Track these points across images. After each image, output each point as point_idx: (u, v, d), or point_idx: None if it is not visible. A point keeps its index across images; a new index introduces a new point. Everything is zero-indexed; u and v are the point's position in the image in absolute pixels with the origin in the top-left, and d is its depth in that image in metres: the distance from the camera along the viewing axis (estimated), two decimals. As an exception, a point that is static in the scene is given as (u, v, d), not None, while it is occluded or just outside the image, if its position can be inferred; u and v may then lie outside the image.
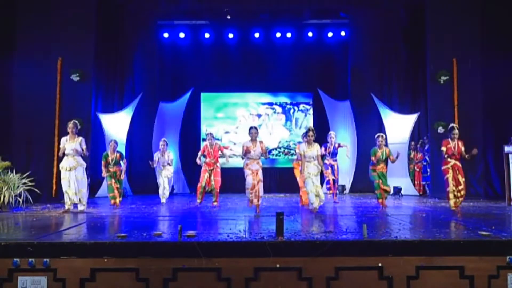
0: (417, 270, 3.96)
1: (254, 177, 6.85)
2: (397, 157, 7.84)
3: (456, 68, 9.98)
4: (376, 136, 7.95)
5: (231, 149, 13.00)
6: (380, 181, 7.69)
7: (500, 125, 9.62)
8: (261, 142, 6.99)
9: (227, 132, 13.08)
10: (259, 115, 13.30)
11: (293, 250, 4.03)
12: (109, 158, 8.18)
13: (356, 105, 12.31)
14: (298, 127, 13.21)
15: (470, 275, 3.95)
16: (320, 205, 7.04)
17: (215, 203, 8.30)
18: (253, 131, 6.95)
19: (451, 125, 7.38)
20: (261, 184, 6.96)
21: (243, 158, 7.03)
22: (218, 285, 3.92)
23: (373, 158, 7.76)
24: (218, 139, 12.15)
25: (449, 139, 7.18)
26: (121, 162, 8.31)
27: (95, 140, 10.43)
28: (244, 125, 13.08)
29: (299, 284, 3.94)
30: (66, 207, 7.18)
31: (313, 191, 6.89)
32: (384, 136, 8.04)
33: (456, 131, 7.13)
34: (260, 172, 6.96)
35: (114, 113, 11.46)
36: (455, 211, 6.97)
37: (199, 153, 8.54)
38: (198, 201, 8.29)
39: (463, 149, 7.15)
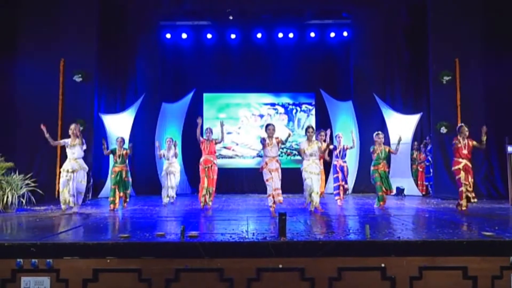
0: (420, 271, 3.95)
1: (274, 179, 6.75)
2: (398, 142, 8.06)
3: (459, 68, 9.96)
4: (375, 134, 8.07)
5: (233, 150, 13.00)
6: (382, 183, 7.77)
7: (503, 125, 9.59)
8: (276, 138, 6.90)
9: (229, 133, 12.97)
10: (261, 116, 13.29)
11: (296, 251, 4.02)
12: (116, 156, 8.14)
13: (358, 105, 12.29)
14: (301, 127, 13.17)
15: (473, 276, 3.94)
16: (311, 209, 7.10)
17: (209, 203, 8.06)
18: (270, 128, 6.85)
19: (460, 124, 7.32)
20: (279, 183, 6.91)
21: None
22: (220, 285, 3.92)
23: (372, 150, 7.95)
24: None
25: (460, 138, 7.11)
26: (128, 155, 8.21)
27: (98, 141, 10.43)
28: (247, 125, 13.10)
29: (301, 285, 3.94)
30: (63, 207, 7.18)
31: (307, 190, 7.02)
32: (383, 134, 8.13)
33: (466, 128, 7.09)
34: (280, 171, 6.88)
35: (116, 113, 11.48)
36: (463, 212, 6.93)
37: (200, 138, 8.21)
38: (202, 205, 8.02)
39: (474, 143, 7.10)
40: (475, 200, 7.20)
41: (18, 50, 9.83)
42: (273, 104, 13.44)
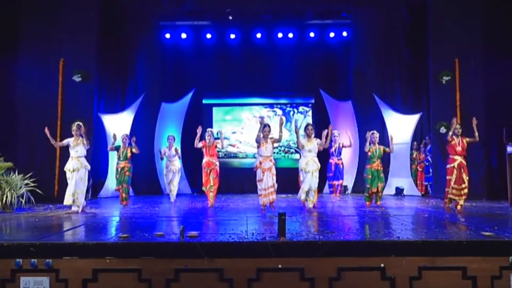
0: (419, 271, 3.95)
1: (267, 178, 6.84)
2: (391, 141, 8.16)
3: (458, 68, 9.95)
4: (370, 133, 8.12)
5: (237, 147, 13.34)
6: (371, 185, 7.90)
7: (502, 125, 9.57)
8: (271, 138, 7.05)
9: (234, 132, 13.50)
10: (261, 117, 13.47)
11: (295, 251, 4.02)
12: (120, 152, 8.23)
13: (358, 106, 12.29)
14: (298, 127, 13.32)
15: (472, 276, 3.94)
16: (310, 207, 7.19)
17: (210, 202, 8.19)
18: (266, 129, 7.01)
19: (452, 122, 7.37)
20: (274, 182, 6.97)
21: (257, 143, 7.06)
22: (220, 285, 3.92)
23: (366, 149, 8.00)
24: (227, 138, 12.90)
25: (454, 136, 7.16)
26: (133, 150, 8.32)
27: (97, 141, 10.44)
28: (249, 126, 13.44)
29: (301, 285, 3.94)
30: (65, 203, 7.26)
31: (305, 188, 7.09)
32: (377, 134, 8.20)
33: (458, 126, 7.19)
34: (273, 170, 6.97)
35: (116, 113, 11.47)
36: (457, 212, 6.94)
37: (199, 143, 8.38)
38: (212, 202, 8.18)
39: (467, 139, 7.16)
40: (464, 197, 7.11)
41: (18, 50, 9.80)
42: (271, 106, 13.62)
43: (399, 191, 10.72)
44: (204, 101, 13.43)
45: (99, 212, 7.40)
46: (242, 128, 13.53)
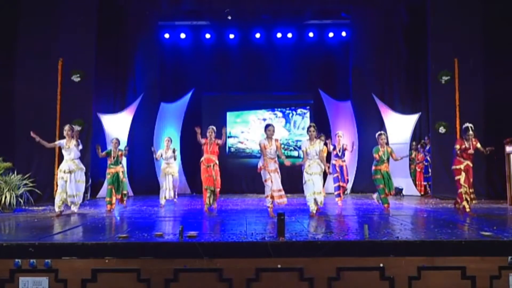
0: (418, 271, 3.95)
1: (275, 180, 6.66)
2: (402, 158, 7.81)
3: (458, 68, 9.95)
4: (377, 134, 7.71)
5: (245, 144, 13.88)
6: (384, 185, 7.40)
7: (501, 125, 9.59)
8: (276, 140, 6.81)
9: (242, 132, 13.97)
10: (264, 119, 13.83)
11: (295, 251, 4.02)
12: (111, 157, 8.02)
13: (357, 106, 12.30)
14: (296, 128, 13.76)
15: (471, 276, 3.94)
16: (318, 207, 6.85)
17: (214, 205, 7.75)
18: (270, 129, 6.76)
19: (466, 125, 7.01)
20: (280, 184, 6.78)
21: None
22: (219, 285, 3.92)
23: (376, 155, 7.47)
24: (236, 136, 13.75)
25: (464, 140, 6.93)
26: (123, 156, 8.14)
27: (96, 141, 10.40)
28: (254, 126, 13.89)
29: (300, 285, 3.94)
30: (57, 210, 6.86)
31: (312, 195, 6.64)
32: (386, 135, 7.82)
33: (471, 132, 6.88)
34: (279, 172, 6.77)
35: (115, 113, 11.46)
36: (461, 212, 6.90)
37: (202, 140, 7.78)
38: (206, 207, 7.44)
39: (478, 145, 6.94)
40: (474, 201, 7.17)
41: (17, 49, 9.78)
42: (273, 109, 13.83)
43: (398, 191, 10.73)
44: (228, 111, 13.84)
45: (98, 212, 7.39)
46: (249, 129, 13.98)
